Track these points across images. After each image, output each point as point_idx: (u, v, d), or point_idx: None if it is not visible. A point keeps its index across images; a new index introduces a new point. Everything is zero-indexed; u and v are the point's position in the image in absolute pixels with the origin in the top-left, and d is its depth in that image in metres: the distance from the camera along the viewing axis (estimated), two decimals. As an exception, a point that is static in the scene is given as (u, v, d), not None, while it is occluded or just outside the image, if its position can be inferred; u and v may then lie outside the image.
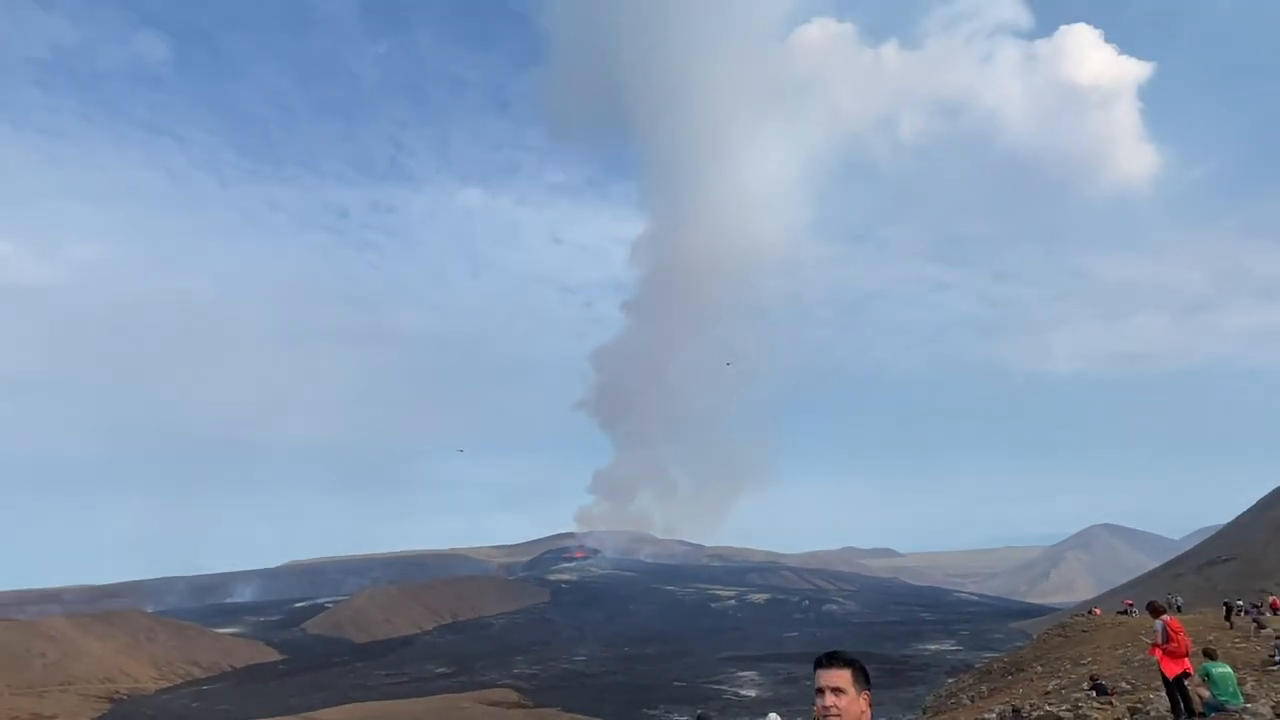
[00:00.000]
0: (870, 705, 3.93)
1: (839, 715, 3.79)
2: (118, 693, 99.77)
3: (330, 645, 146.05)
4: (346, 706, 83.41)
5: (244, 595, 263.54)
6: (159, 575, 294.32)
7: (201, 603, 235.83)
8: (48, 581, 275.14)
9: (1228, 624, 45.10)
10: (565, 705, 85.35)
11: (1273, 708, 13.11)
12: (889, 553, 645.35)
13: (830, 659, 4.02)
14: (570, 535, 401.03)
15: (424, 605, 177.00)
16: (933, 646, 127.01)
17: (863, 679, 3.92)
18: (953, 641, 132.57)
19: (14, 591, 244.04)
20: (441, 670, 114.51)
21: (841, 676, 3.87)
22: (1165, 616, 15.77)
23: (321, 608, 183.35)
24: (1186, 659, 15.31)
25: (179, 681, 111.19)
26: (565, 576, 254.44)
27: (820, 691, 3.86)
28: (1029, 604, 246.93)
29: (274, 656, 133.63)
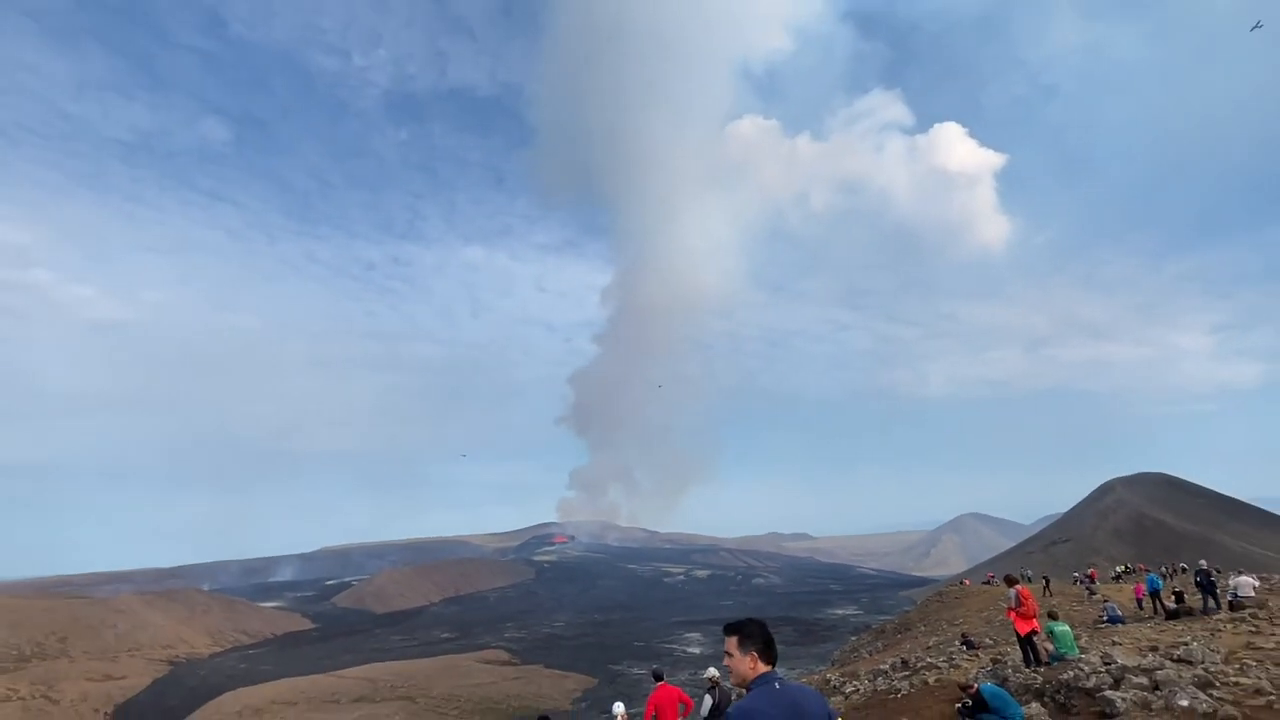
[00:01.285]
0: (760, 659, 4.04)
1: (731, 672, 4.14)
2: (177, 657, 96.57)
3: (355, 616, 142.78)
4: (368, 666, 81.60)
5: (284, 575, 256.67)
6: (214, 559, 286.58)
7: (249, 582, 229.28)
8: (120, 565, 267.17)
9: (1046, 594, 45.99)
10: (547, 662, 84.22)
11: (1101, 657, 13.35)
12: (805, 536, 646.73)
13: (724, 629, 4.25)
14: (552, 524, 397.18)
15: (432, 582, 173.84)
16: (839, 611, 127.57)
17: (747, 641, 4.06)
18: (855, 607, 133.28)
19: (91, 573, 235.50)
20: (446, 635, 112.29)
21: (730, 643, 4.11)
22: (1018, 586, 16.05)
23: (348, 585, 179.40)
24: (1035, 620, 15.58)
25: (229, 647, 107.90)
26: (547, 558, 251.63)
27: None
28: (914, 576, 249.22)
29: (308, 626, 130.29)
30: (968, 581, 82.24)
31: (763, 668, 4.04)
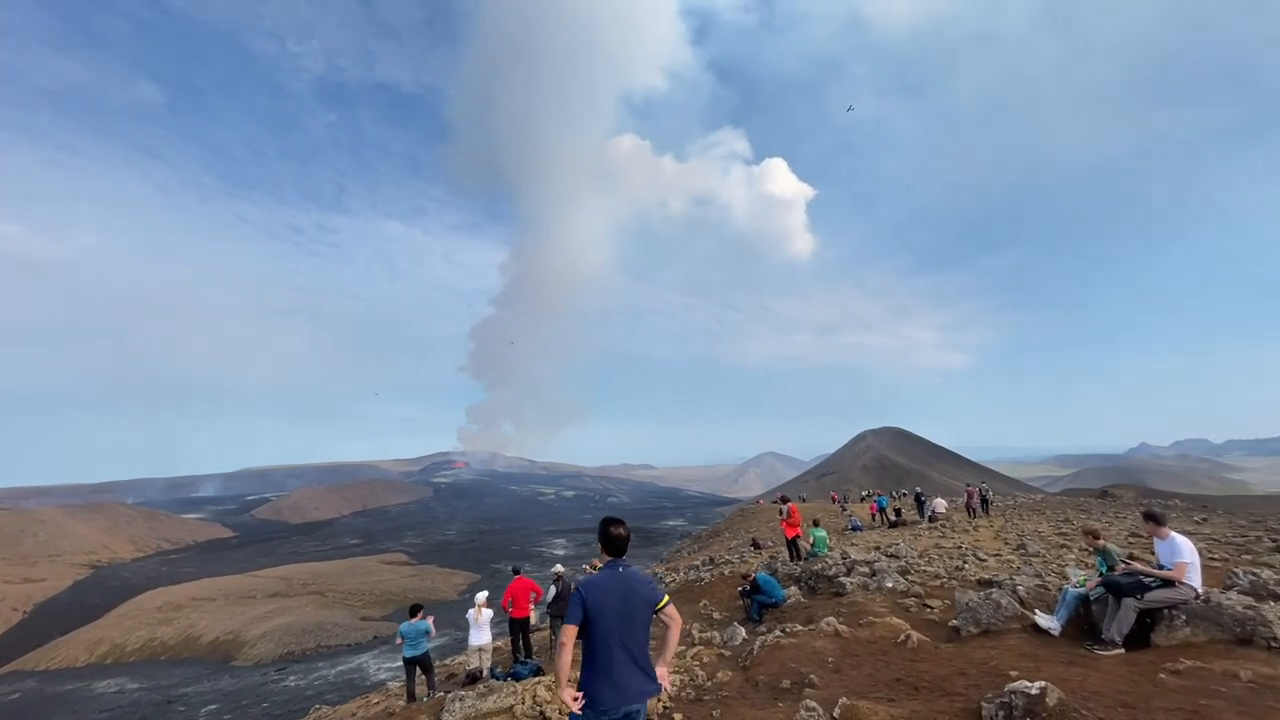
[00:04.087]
0: (605, 551, 4.20)
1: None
2: (99, 562, 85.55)
3: (272, 526, 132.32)
4: (283, 567, 76.13)
5: (207, 491, 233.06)
6: (141, 476, 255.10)
7: (173, 497, 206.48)
8: (48, 481, 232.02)
9: (787, 512, 50.37)
10: (439, 563, 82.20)
11: (840, 554, 14.70)
12: (649, 466, 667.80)
13: None
14: (450, 453, 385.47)
15: (343, 498, 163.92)
16: (671, 522, 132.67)
17: (599, 539, 4.20)
18: (682, 519, 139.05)
19: (15, 488, 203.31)
20: (354, 542, 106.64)
21: None
22: (789, 503, 17.35)
23: (267, 500, 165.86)
24: (799, 528, 16.92)
25: (151, 553, 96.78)
26: (443, 480, 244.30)
27: None
28: (726, 497, 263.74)
29: (228, 534, 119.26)
30: (762, 501, 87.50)
31: (608, 557, 4.19)
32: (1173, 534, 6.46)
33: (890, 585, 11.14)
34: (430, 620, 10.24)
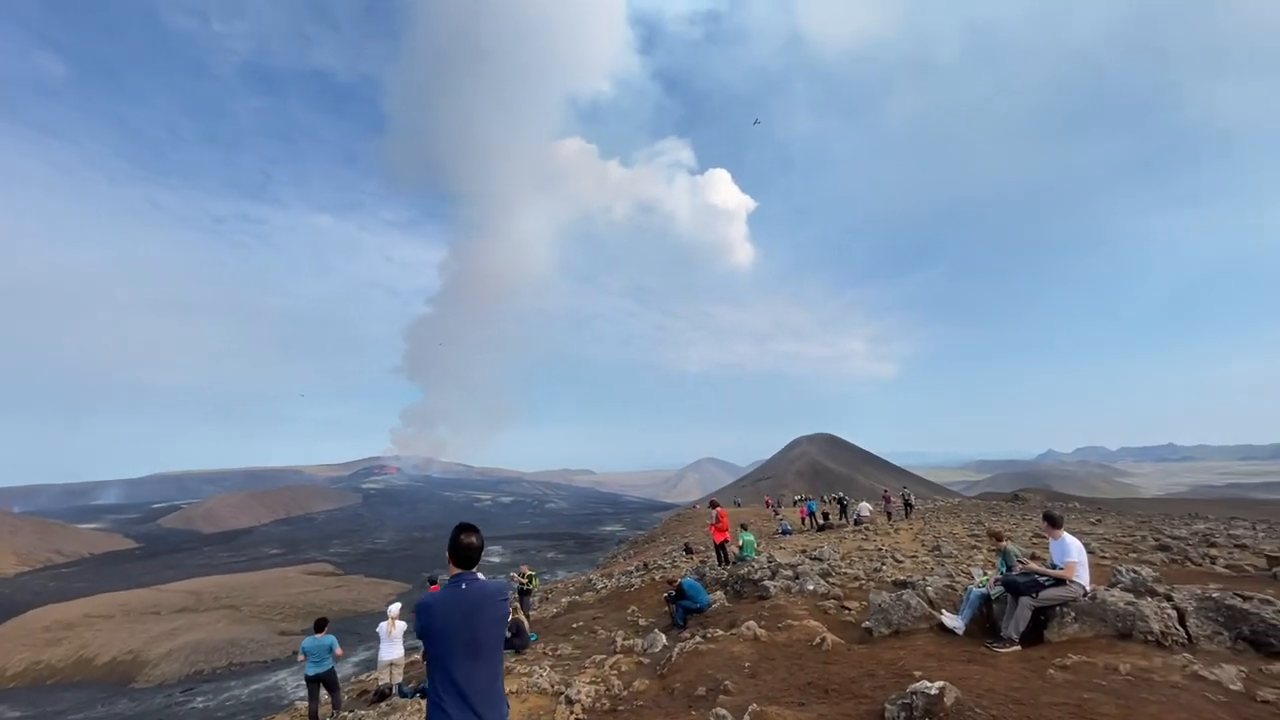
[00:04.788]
0: (452, 563, 3.97)
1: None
2: (-24, 577, 77.33)
3: (182, 536, 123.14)
4: (192, 580, 70.88)
5: (109, 498, 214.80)
6: (33, 482, 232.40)
7: (69, 504, 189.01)
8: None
9: (716, 516, 51.33)
10: (367, 573, 78.58)
11: (767, 558, 14.87)
12: (589, 471, 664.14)
13: None
14: (381, 458, 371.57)
15: (262, 505, 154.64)
16: (609, 528, 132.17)
17: (448, 549, 4.01)
18: (621, 525, 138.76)
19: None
20: (274, 551, 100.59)
21: None
22: (718, 508, 17.46)
23: (177, 508, 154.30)
24: (727, 532, 17.05)
25: (39, 566, 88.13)
26: (374, 485, 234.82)
27: None
28: (666, 503, 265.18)
29: (130, 545, 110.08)
30: (698, 506, 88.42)
31: (456, 570, 3.87)
32: (1065, 535, 6.81)
33: (811, 588, 11.31)
34: (334, 638, 9.63)
